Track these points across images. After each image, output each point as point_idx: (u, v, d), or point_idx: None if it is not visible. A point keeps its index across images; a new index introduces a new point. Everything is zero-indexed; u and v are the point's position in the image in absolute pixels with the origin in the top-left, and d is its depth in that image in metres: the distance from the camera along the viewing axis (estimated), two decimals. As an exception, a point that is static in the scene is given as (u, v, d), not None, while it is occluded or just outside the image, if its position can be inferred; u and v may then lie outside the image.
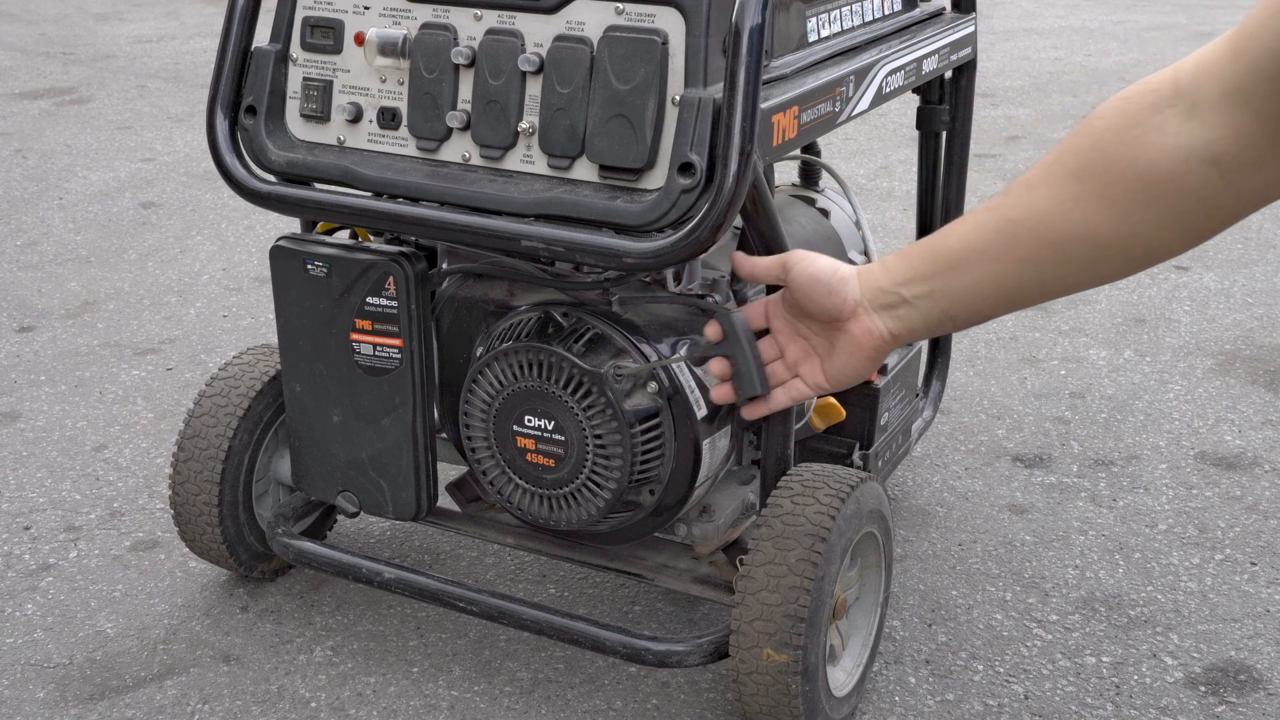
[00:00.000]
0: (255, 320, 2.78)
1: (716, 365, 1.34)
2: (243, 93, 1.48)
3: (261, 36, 1.48)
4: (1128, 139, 0.93)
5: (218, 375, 1.73)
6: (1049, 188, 1.01)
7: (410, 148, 1.43)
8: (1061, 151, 1.00)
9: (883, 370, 1.78)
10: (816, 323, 1.28)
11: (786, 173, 2.24)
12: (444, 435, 1.69)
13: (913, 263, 1.17)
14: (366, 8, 1.43)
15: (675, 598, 1.81)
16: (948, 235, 1.13)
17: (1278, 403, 2.39)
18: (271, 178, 1.49)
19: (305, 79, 1.47)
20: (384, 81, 1.43)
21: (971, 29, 1.87)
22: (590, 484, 1.47)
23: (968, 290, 1.12)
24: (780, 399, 1.34)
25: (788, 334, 1.31)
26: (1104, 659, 1.69)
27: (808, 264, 1.26)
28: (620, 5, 1.30)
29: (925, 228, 2.00)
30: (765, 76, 1.36)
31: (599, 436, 1.45)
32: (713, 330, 1.34)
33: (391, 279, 1.49)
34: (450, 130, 1.40)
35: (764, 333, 1.34)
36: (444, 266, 1.60)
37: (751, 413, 1.36)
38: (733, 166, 1.23)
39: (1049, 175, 1.01)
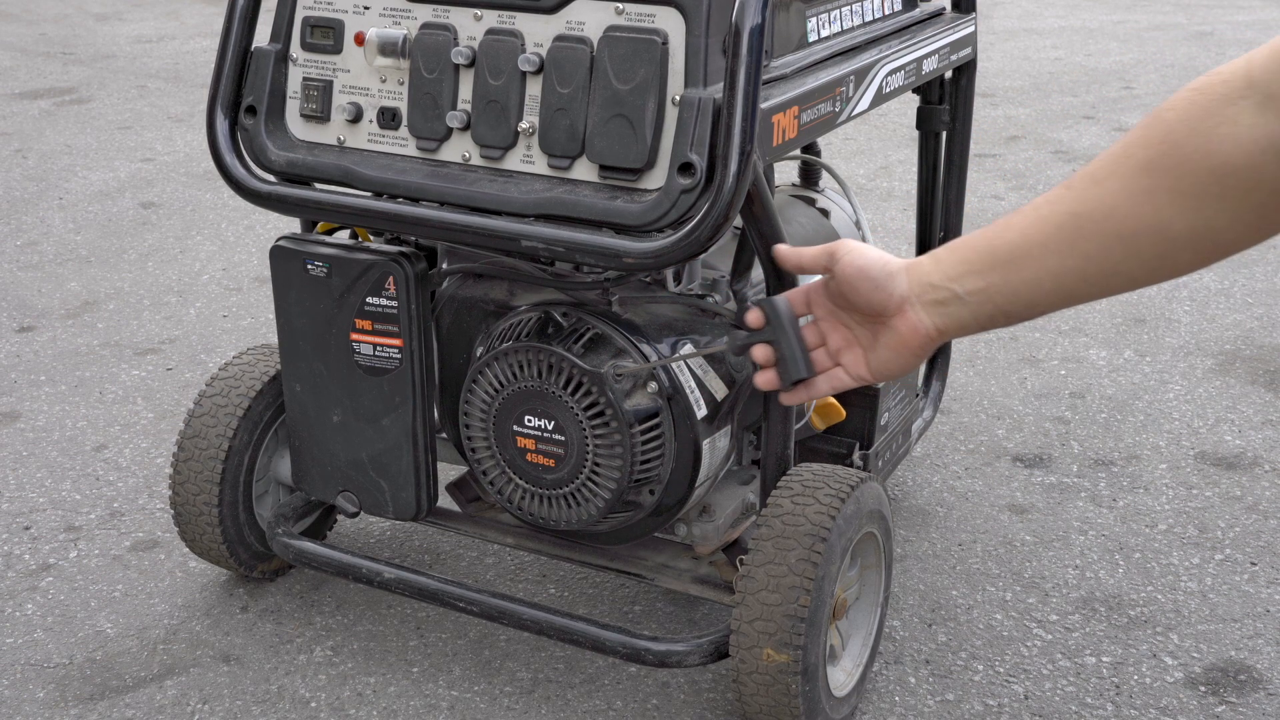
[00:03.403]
0: (255, 320, 2.78)
1: (760, 351, 1.30)
2: (243, 93, 1.48)
3: (261, 36, 1.48)
4: (1201, 130, 0.92)
5: (218, 375, 1.73)
6: (1118, 181, 0.99)
7: (410, 148, 1.42)
8: (1129, 144, 0.98)
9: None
10: (860, 314, 1.25)
11: (786, 173, 2.24)
12: (444, 435, 1.69)
13: (966, 256, 1.13)
14: (366, 8, 1.43)
15: (675, 598, 1.81)
16: (1006, 229, 1.10)
17: (1278, 403, 2.39)
18: (271, 178, 1.49)
19: (305, 79, 1.47)
20: (384, 81, 1.43)
21: (971, 29, 1.87)
22: (590, 484, 1.47)
23: (1026, 285, 1.08)
24: (822, 387, 1.30)
25: (830, 322, 1.28)
26: (1104, 659, 1.69)
27: (856, 255, 1.22)
28: (620, 5, 1.30)
29: (925, 228, 2.00)
30: (765, 76, 1.36)
31: (599, 436, 1.45)
32: (754, 316, 1.31)
33: (391, 279, 1.49)
34: (450, 130, 1.40)
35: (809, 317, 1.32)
36: (444, 266, 1.60)
37: (793, 398, 1.32)
38: (733, 166, 1.23)
39: (1117, 168, 0.99)
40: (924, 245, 1.99)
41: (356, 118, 1.45)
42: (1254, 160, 0.89)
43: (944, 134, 1.94)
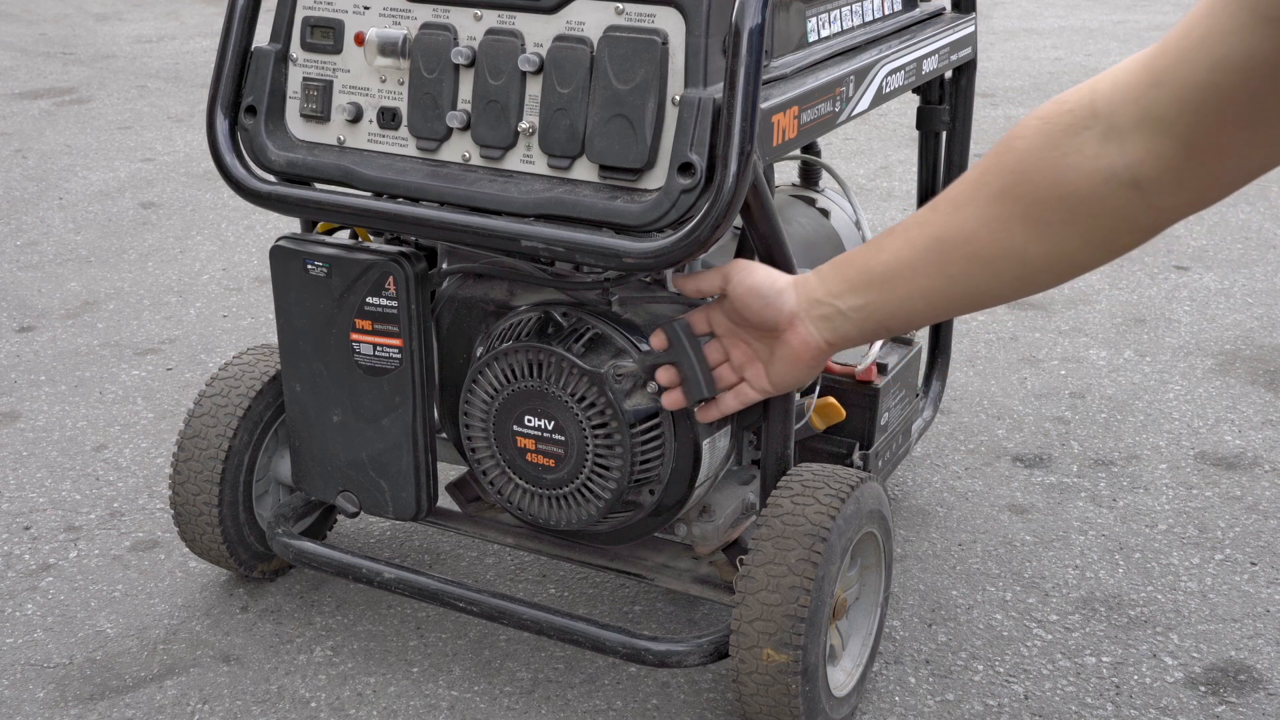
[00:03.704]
0: (255, 320, 2.78)
1: (662, 373, 1.37)
2: (243, 93, 1.48)
3: (261, 36, 1.48)
4: (1048, 160, 0.95)
5: (218, 375, 1.73)
6: (975, 208, 1.04)
7: (410, 148, 1.43)
8: (985, 170, 1.03)
9: (883, 370, 1.78)
10: (756, 330, 1.30)
11: (786, 173, 2.24)
12: (444, 435, 1.69)
13: (846, 275, 1.21)
14: (366, 8, 1.43)
15: (675, 598, 1.81)
16: (880, 250, 1.17)
17: (1278, 403, 2.39)
18: (271, 178, 1.49)
19: (305, 79, 1.47)
20: (384, 81, 1.43)
21: (971, 29, 1.87)
22: (590, 484, 1.47)
23: (901, 302, 1.16)
24: (730, 403, 1.37)
25: (731, 339, 1.35)
26: (1104, 659, 1.69)
27: (746, 274, 1.29)
28: (620, 5, 1.30)
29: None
30: (765, 76, 1.36)
31: (599, 437, 1.45)
32: (658, 339, 1.37)
33: (391, 279, 1.49)
34: (450, 130, 1.40)
35: (711, 335, 1.37)
36: (444, 266, 1.60)
37: (704, 416, 1.39)
38: (733, 166, 1.23)
39: (975, 195, 1.04)
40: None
41: (356, 118, 1.45)
42: (1098, 189, 0.93)
43: (944, 134, 1.94)
